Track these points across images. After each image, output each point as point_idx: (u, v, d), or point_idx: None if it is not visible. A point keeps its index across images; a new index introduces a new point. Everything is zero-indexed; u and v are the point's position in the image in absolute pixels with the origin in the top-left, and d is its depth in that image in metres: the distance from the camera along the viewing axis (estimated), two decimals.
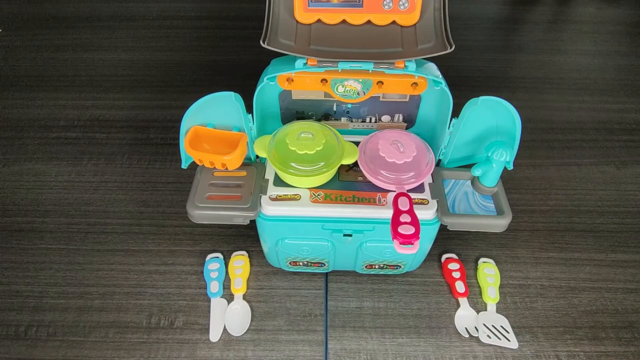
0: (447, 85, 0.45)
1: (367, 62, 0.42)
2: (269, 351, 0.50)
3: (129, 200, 0.64)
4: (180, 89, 0.83)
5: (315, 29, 0.44)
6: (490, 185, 0.47)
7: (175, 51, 0.93)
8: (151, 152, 0.71)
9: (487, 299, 0.53)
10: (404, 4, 0.42)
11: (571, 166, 0.71)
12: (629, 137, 0.76)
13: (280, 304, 0.53)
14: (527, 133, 0.52)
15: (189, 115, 0.46)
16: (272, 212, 0.45)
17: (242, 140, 0.47)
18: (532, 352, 0.50)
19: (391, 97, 0.50)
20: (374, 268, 0.53)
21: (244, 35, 0.98)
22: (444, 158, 0.51)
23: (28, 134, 0.74)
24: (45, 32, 0.98)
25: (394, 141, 0.47)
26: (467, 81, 0.86)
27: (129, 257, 0.57)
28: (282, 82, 0.48)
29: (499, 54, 0.95)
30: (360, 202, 0.45)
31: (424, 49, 0.43)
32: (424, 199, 0.46)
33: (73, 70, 0.88)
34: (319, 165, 0.44)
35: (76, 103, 0.80)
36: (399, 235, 0.39)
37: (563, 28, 1.05)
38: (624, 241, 0.60)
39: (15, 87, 0.84)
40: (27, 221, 0.61)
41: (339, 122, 0.53)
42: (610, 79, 0.89)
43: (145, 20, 1.03)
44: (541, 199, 0.65)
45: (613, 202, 0.65)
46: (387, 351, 0.50)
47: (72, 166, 0.69)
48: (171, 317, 0.52)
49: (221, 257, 0.57)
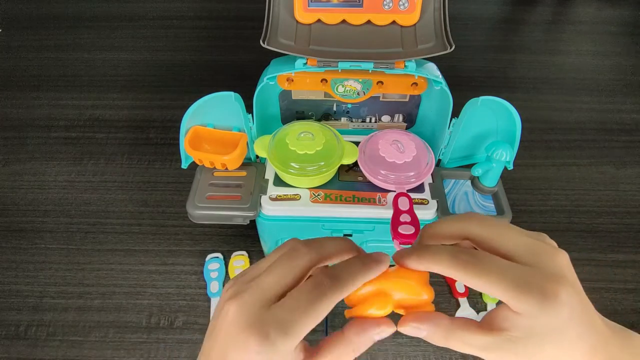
0: (447, 85, 0.45)
1: (367, 62, 0.42)
2: None
3: (129, 200, 0.64)
4: (180, 89, 0.83)
5: (315, 29, 0.44)
6: (490, 185, 0.47)
7: (175, 51, 0.93)
8: (151, 152, 0.71)
9: (487, 299, 0.53)
10: (403, 4, 0.42)
11: (570, 166, 0.71)
12: (629, 137, 0.76)
13: None
14: (527, 133, 0.52)
15: (189, 115, 0.46)
16: (272, 212, 0.45)
17: (242, 140, 0.48)
18: None
19: (391, 97, 0.50)
20: None
21: (244, 35, 0.98)
22: (444, 158, 0.51)
23: (28, 134, 0.74)
24: (45, 32, 0.98)
25: (394, 141, 0.47)
26: (467, 81, 0.86)
27: (128, 257, 0.57)
28: (282, 82, 0.48)
29: (499, 54, 0.95)
30: (360, 202, 0.45)
31: (424, 49, 0.43)
32: (424, 199, 0.46)
33: (73, 70, 0.88)
34: (319, 165, 0.44)
35: (76, 103, 0.80)
36: (399, 235, 0.39)
37: (563, 28, 1.05)
38: (623, 241, 0.60)
39: (15, 87, 0.84)
40: (27, 221, 0.61)
41: (339, 122, 0.53)
42: (610, 79, 0.89)
43: (145, 20, 1.03)
44: (541, 199, 0.65)
45: (612, 202, 0.65)
46: (387, 351, 0.50)
47: (72, 166, 0.69)
48: (171, 317, 0.52)
49: (221, 257, 0.57)
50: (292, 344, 0.25)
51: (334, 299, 0.26)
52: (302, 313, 0.25)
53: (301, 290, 0.26)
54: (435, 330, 0.27)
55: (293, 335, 0.25)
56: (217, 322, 0.26)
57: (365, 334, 0.29)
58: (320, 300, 0.25)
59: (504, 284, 0.24)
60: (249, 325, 0.24)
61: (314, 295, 0.26)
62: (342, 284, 0.26)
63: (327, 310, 0.25)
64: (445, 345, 0.27)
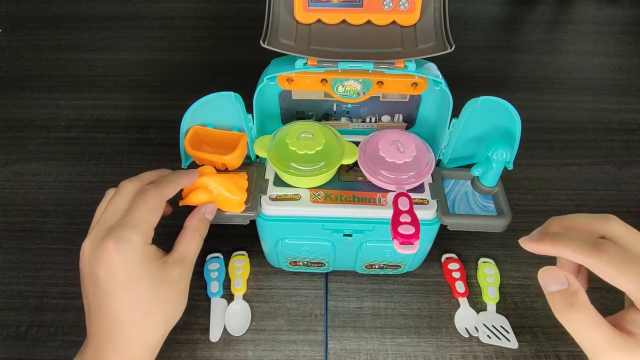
0: (447, 85, 0.45)
1: (367, 62, 0.42)
2: (269, 351, 0.50)
3: None
4: (180, 89, 0.83)
5: (315, 29, 0.44)
6: (490, 185, 0.47)
7: (176, 51, 0.93)
8: (151, 152, 0.71)
9: (487, 299, 0.53)
10: (403, 4, 0.42)
11: (571, 166, 0.71)
12: (630, 137, 0.76)
13: (280, 304, 0.53)
14: (527, 133, 0.52)
15: (189, 115, 0.46)
16: (272, 212, 0.45)
17: (242, 140, 0.47)
18: (532, 352, 0.50)
19: (391, 97, 0.50)
20: (374, 268, 0.53)
21: (244, 35, 0.98)
22: (444, 158, 0.51)
23: (28, 134, 0.74)
24: (45, 32, 0.98)
25: (394, 141, 0.47)
26: (467, 81, 0.86)
27: None
28: (282, 82, 0.48)
29: (499, 54, 0.95)
30: (360, 202, 0.45)
31: (424, 49, 0.43)
32: (424, 199, 0.46)
33: (73, 70, 0.88)
34: (319, 165, 0.44)
35: (76, 103, 0.80)
36: (399, 235, 0.39)
37: (563, 28, 1.05)
38: None
39: (15, 87, 0.84)
40: (27, 221, 0.61)
41: (339, 122, 0.53)
42: (611, 78, 0.89)
43: (145, 20, 1.03)
44: (541, 199, 0.65)
45: (613, 202, 0.65)
46: (387, 351, 0.50)
47: (73, 166, 0.69)
48: None
49: (221, 257, 0.57)
50: (142, 237, 0.35)
51: (160, 196, 0.38)
52: (141, 212, 0.35)
53: (135, 201, 0.36)
54: (567, 294, 0.27)
55: (140, 226, 0.35)
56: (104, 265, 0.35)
57: (199, 214, 0.41)
58: (150, 199, 0.37)
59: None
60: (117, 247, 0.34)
61: (144, 197, 0.36)
62: (162, 186, 0.38)
63: (158, 205, 0.38)
64: (563, 319, 0.26)
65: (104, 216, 0.36)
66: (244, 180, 0.46)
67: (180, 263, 0.38)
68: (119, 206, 0.37)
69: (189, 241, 0.40)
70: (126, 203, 0.37)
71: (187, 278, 0.40)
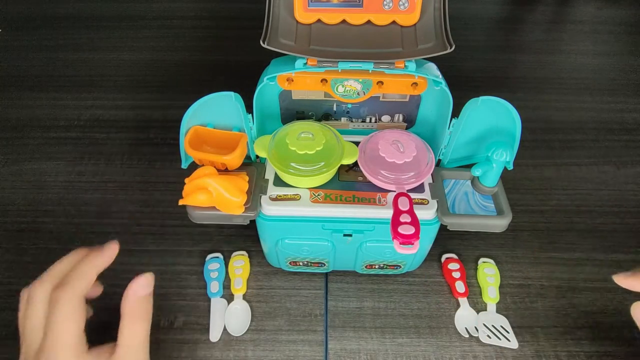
0: (447, 85, 0.45)
1: (367, 62, 0.42)
2: (269, 351, 0.50)
3: (129, 200, 0.64)
4: (180, 89, 0.83)
5: (315, 29, 0.44)
6: (490, 185, 0.47)
7: (176, 51, 0.93)
8: (151, 152, 0.71)
9: (487, 299, 0.53)
10: (403, 4, 0.42)
11: (571, 166, 0.71)
12: (630, 137, 0.76)
13: (280, 304, 0.53)
14: (527, 133, 0.52)
15: (189, 115, 0.46)
16: (272, 212, 0.45)
17: (242, 140, 0.47)
18: (532, 352, 0.50)
19: (391, 97, 0.50)
20: (374, 268, 0.53)
21: (244, 35, 0.98)
22: (444, 158, 0.51)
23: (28, 134, 0.74)
24: (45, 32, 0.98)
25: (394, 141, 0.47)
26: (467, 81, 0.86)
27: (128, 257, 0.57)
28: (282, 82, 0.48)
29: (499, 54, 0.95)
30: (360, 202, 0.45)
31: (424, 49, 0.43)
32: (424, 199, 0.46)
33: (73, 70, 0.88)
34: (319, 165, 0.44)
35: (76, 103, 0.80)
36: (399, 235, 0.39)
37: (563, 28, 1.05)
38: (624, 241, 0.60)
39: (15, 87, 0.84)
40: (27, 221, 0.61)
41: (339, 122, 0.53)
42: (611, 79, 0.89)
43: (145, 20, 1.03)
44: (541, 199, 0.65)
45: (614, 202, 0.65)
46: (387, 351, 0.50)
47: (72, 166, 0.69)
48: (171, 317, 0.52)
49: (221, 257, 0.57)
50: (71, 351, 0.34)
51: (74, 299, 0.36)
52: (61, 326, 0.35)
53: (50, 314, 0.36)
54: None
55: (65, 343, 0.34)
56: None
57: (129, 297, 0.39)
58: (65, 306, 0.35)
59: None
60: None
61: (58, 307, 0.35)
62: (74, 285, 0.37)
63: (76, 309, 0.36)
64: None
65: (26, 337, 0.36)
66: (244, 182, 0.46)
67: (128, 356, 0.36)
68: (35, 323, 0.36)
69: (130, 329, 0.37)
70: (42, 316, 0.36)
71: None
